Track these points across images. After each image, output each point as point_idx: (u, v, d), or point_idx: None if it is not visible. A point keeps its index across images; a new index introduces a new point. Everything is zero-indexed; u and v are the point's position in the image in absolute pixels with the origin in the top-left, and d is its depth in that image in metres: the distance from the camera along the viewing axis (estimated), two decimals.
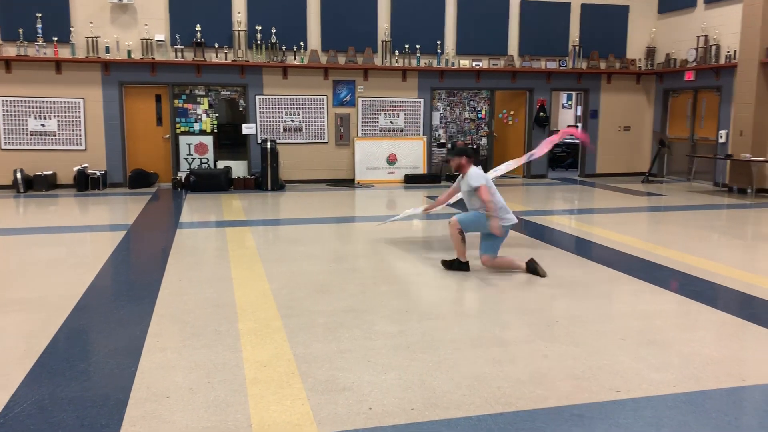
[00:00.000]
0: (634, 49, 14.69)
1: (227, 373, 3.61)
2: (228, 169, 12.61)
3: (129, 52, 12.11)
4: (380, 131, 13.70)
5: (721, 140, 12.88)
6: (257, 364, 3.75)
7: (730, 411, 3.19)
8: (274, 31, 12.68)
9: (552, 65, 14.25)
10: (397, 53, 13.36)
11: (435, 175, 13.79)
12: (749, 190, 11.72)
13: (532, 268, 5.86)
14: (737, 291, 5.41)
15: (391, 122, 13.73)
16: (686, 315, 4.78)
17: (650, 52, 14.62)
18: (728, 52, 12.63)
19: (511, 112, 14.86)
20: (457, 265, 6.01)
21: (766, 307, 4.94)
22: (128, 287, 5.68)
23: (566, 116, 19.86)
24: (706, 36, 13.12)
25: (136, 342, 4.10)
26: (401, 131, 13.82)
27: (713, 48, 12.97)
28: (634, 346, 4.06)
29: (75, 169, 11.94)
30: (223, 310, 4.78)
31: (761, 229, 8.84)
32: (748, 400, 3.37)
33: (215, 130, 13.03)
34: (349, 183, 13.39)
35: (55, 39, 11.80)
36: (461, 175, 6.18)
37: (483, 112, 14.43)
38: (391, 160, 13.67)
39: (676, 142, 14.39)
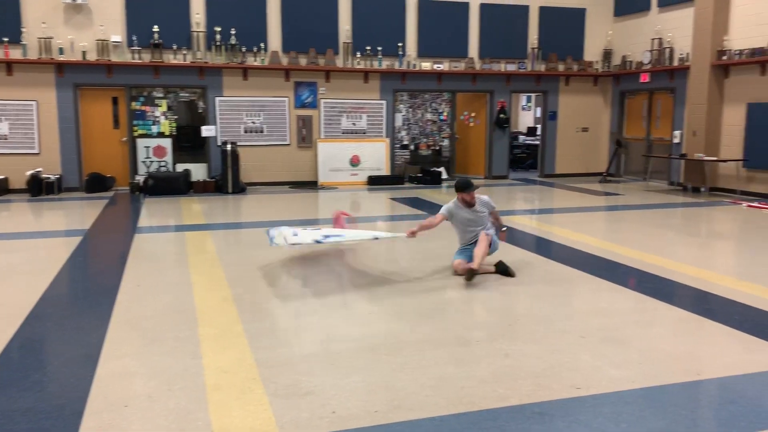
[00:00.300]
0: (591, 52, 14.97)
1: (188, 380, 3.55)
2: (187, 172, 12.42)
3: (84, 53, 11.83)
4: (343, 133, 13.67)
5: (676, 140, 13.21)
6: (218, 370, 3.69)
7: (686, 405, 3.27)
8: (233, 32, 12.54)
9: (511, 67, 14.43)
10: (358, 55, 13.35)
11: (398, 177, 13.82)
12: (703, 189, 12.05)
13: (503, 269, 5.90)
14: (692, 288, 5.55)
15: (354, 124, 13.72)
16: (644, 312, 4.88)
17: (607, 55, 14.93)
18: (681, 54, 12.97)
19: (473, 114, 14.99)
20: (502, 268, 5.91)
21: (720, 303, 5.08)
22: (85, 294, 5.55)
23: (526, 118, 20.13)
24: (660, 39, 13.44)
25: (93, 350, 4.00)
26: (364, 133, 13.81)
27: (667, 51, 13.30)
28: (594, 343, 4.13)
29: (28, 173, 11.59)
30: (183, 315, 4.70)
31: (715, 227, 9.10)
32: (703, 393, 3.46)
33: (174, 133, 12.81)
34: (311, 185, 13.33)
35: (6, 39, 11.45)
36: (463, 205, 5.97)
37: (445, 113, 14.53)
38: (355, 162, 13.65)
39: (632, 142, 14.71)
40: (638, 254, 6.80)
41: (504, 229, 6.50)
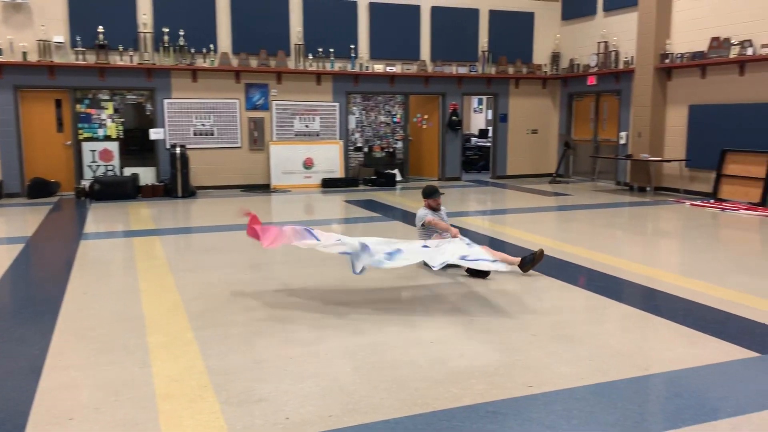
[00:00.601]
0: (540, 55, 15.26)
1: (136, 390, 3.45)
2: (135, 176, 12.13)
3: (24, 54, 11.42)
4: (296, 135, 13.57)
5: (622, 141, 13.56)
6: (168, 378, 3.60)
7: (634, 399, 3.35)
8: (182, 33, 12.32)
9: (463, 70, 14.58)
10: (310, 57, 13.28)
11: (352, 179, 13.80)
12: (648, 188, 12.41)
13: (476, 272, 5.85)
14: (639, 285, 5.69)
15: (307, 126, 13.63)
16: (593, 309, 4.98)
17: (555, 58, 15.23)
18: (626, 57, 13.34)
19: (426, 116, 15.09)
20: (529, 260, 5.93)
21: (665, 299, 5.23)
22: (27, 303, 5.34)
23: (478, 120, 20.37)
24: (606, 42, 13.79)
25: (36, 361, 3.86)
26: (317, 135, 13.74)
27: (613, 54, 13.65)
28: (545, 341, 4.20)
29: None
30: (131, 323, 4.57)
31: (660, 226, 9.37)
32: (651, 388, 3.55)
33: (121, 136, 12.50)
34: (264, 188, 13.18)
35: None
36: (429, 210, 6.42)
37: (398, 116, 14.58)
38: (308, 165, 13.57)
39: (580, 143, 15.05)
40: (587, 253, 6.95)
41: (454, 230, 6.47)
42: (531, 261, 5.95)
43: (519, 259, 5.98)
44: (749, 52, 10.68)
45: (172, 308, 4.94)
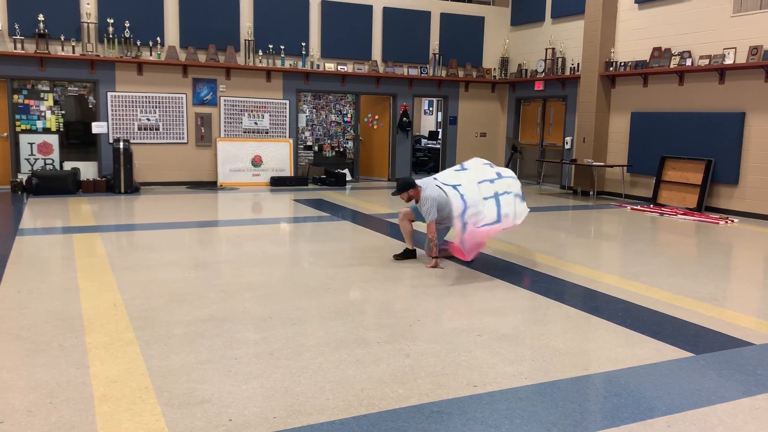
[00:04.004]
0: (490, 59, 15.48)
1: (72, 392, 3.33)
2: (76, 171, 11.73)
3: None
4: (244, 132, 13.39)
5: (567, 146, 13.89)
6: (107, 380, 3.49)
7: (574, 399, 3.42)
8: (127, 24, 11.99)
9: (414, 72, 14.67)
10: (260, 53, 13.13)
11: (302, 178, 13.70)
12: (591, 193, 12.74)
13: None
14: (581, 286, 5.84)
15: (256, 123, 13.47)
16: (536, 310, 5.08)
17: (504, 62, 15.48)
18: (572, 64, 13.67)
19: (376, 117, 15.11)
20: (408, 254, 6.63)
21: (606, 301, 5.38)
22: None
23: (428, 122, 20.53)
24: (553, 49, 14.10)
25: None
26: (266, 133, 13.59)
27: (560, 60, 13.97)
28: (490, 341, 4.25)
29: None
30: (68, 323, 4.42)
31: (602, 229, 9.64)
32: (591, 387, 3.64)
33: (61, 129, 12.08)
34: (211, 185, 12.96)
35: None
36: (414, 201, 6.56)
37: (349, 115, 14.55)
38: (257, 162, 13.41)
39: (527, 147, 15.34)
40: (531, 254, 7.08)
41: (433, 244, 6.35)
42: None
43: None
44: (688, 62, 11.09)
45: (112, 307, 4.80)
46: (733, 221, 9.90)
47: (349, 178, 14.12)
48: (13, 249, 6.78)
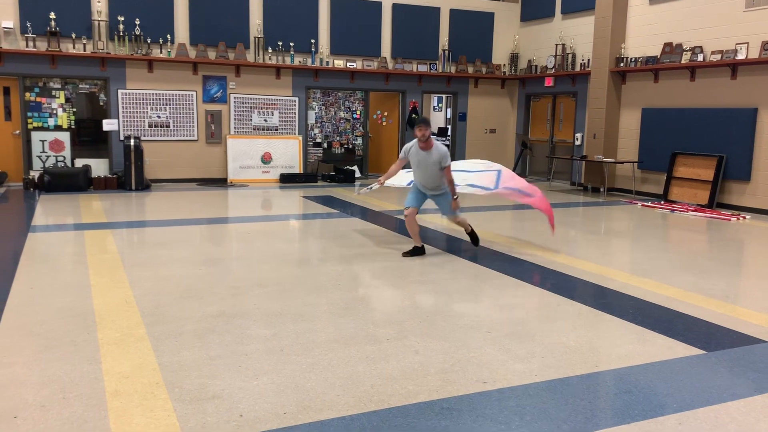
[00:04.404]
0: (499, 55, 15.42)
1: (85, 387, 3.36)
2: (87, 168, 11.80)
3: None
4: (254, 129, 13.42)
5: (577, 143, 13.83)
6: (119, 375, 3.52)
7: (585, 396, 3.42)
8: (138, 22, 12.04)
9: (423, 68, 14.64)
10: (270, 50, 13.15)
11: (311, 175, 13.72)
12: (602, 189, 12.69)
13: (474, 236, 7.09)
14: (592, 283, 5.82)
15: (266, 120, 13.49)
16: (546, 307, 5.07)
17: (514, 58, 15.42)
18: (583, 60, 13.59)
19: (385, 113, 15.10)
20: (417, 251, 6.68)
21: (616, 297, 5.36)
22: None
23: (437, 118, 20.48)
24: (563, 44, 14.03)
25: None
26: (276, 130, 13.62)
27: (570, 56, 13.90)
28: (500, 338, 4.25)
29: None
30: (80, 319, 4.45)
31: (612, 226, 9.59)
32: (601, 384, 3.63)
33: (73, 126, 12.15)
34: (221, 182, 13.00)
35: None
36: (418, 148, 6.45)
37: (358, 112, 14.55)
38: (266, 159, 13.44)
39: (537, 144, 15.28)
40: (541, 251, 7.06)
41: (456, 197, 6.63)
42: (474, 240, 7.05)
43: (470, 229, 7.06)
44: (700, 58, 11.01)
45: (124, 304, 4.83)
46: (744, 218, 9.83)
47: (358, 174, 14.13)
48: (26, 246, 6.83)
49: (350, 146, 14.57)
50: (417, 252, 6.67)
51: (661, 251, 7.38)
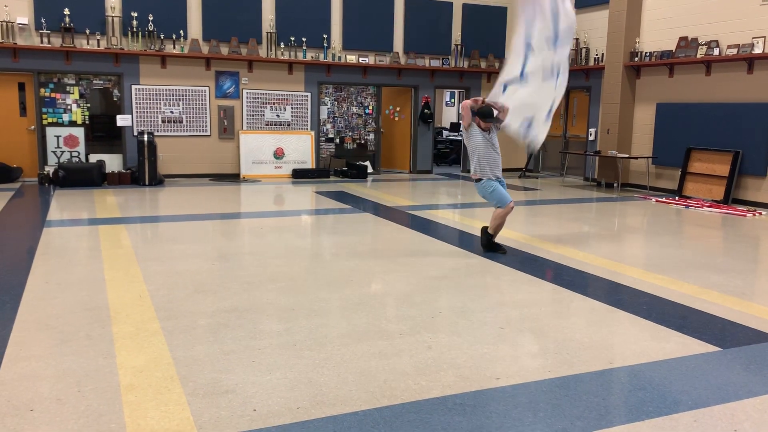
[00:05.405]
0: None
1: (100, 381, 3.39)
2: (101, 163, 11.89)
3: None
4: (266, 125, 13.45)
5: (591, 138, 13.74)
6: (133, 369, 3.55)
7: (598, 392, 3.40)
8: (151, 18, 12.09)
9: (435, 63, 14.60)
10: (282, 46, 13.16)
11: (323, 170, 13.74)
12: (615, 185, 12.60)
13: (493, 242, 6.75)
14: (605, 279, 5.78)
15: (278, 116, 13.52)
16: (560, 303, 5.04)
17: None
18: (596, 55, 13.49)
19: (398, 109, 15.08)
20: (497, 247, 6.69)
21: (630, 294, 5.32)
22: None
23: (450, 114, 20.43)
24: (577, 39, 13.92)
25: None
26: (288, 125, 13.64)
27: (583, 51, 13.80)
28: (513, 334, 4.23)
29: None
30: (95, 313, 4.49)
31: (626, 221, 9.53)
32: (615, 381, 3.60)
33: (87, 122, 12.24)
34: (234, 178, 13.05)
35: None
36: (482, 132, 6.67)
37: (370, 107, 14.54)
38: (279, 155, 13.47)
39: (550, 139, 15.15)
40: (555, 247, 7.03)
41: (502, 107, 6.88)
42: (494, 247, 6.67)
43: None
44: (715, 52, 10.89)
45: (138, 298, 4.87)
46: (760, 213, 9.73)
47: (370, 170, 14.13)
48: (41, 240, 6.90)
49: (362, 141, 14.57)
50: (499, 248, 6.71)
51: (675, 247, 7.32)
